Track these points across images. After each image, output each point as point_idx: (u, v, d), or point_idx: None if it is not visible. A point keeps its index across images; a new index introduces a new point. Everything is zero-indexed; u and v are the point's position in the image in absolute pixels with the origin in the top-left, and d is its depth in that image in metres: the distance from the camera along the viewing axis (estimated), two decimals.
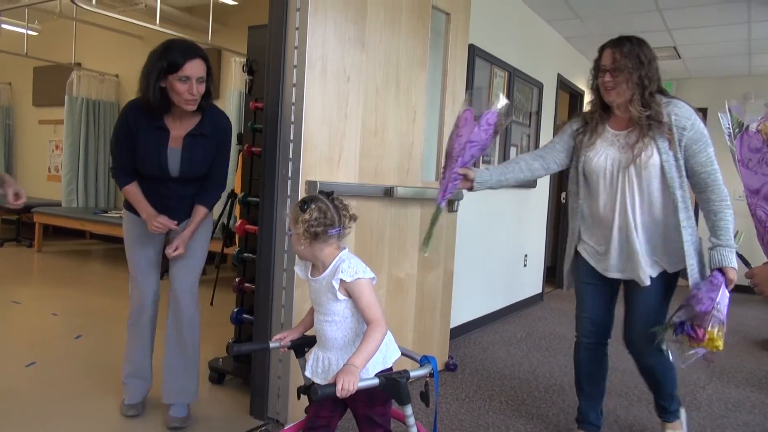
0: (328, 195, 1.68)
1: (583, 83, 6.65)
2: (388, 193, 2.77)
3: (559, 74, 5.84)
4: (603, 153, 2.23)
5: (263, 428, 2.50)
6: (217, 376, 2.99)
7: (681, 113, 2.10)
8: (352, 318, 1.64)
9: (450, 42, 3.26)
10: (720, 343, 1.98)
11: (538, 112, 5.39)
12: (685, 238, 2.14)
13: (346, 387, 1.43)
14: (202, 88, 2.24)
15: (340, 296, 1.62)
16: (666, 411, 2.47)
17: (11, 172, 8.53)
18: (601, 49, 2.21)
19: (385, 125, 2.82)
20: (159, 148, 2.32)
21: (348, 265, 1.62)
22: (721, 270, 2.06)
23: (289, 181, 2.44)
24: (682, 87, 7.40)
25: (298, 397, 1.76)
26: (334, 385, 1.43)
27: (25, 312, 4.25)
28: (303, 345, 1.83)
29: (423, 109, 3.02)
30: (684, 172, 2.13)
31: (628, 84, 2.11)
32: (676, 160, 2.11)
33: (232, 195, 3.19)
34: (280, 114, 2.45)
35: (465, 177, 2.19)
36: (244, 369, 2.86)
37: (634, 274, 2.21)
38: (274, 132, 2.47)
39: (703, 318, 1.97)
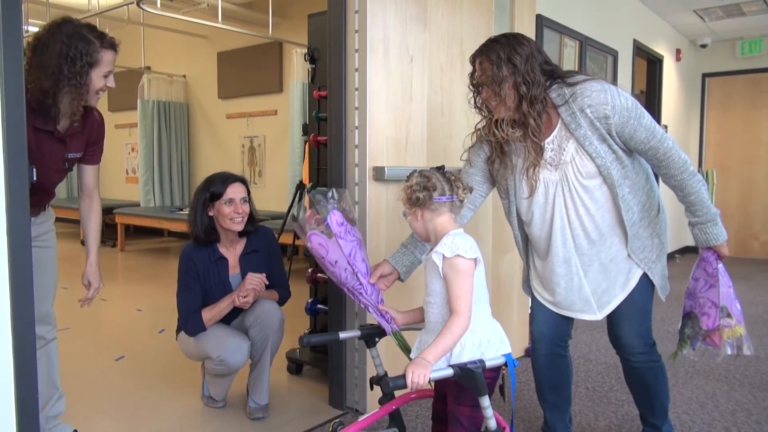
0: (438, 168, 1.66)
1: (662, 47, 6.30)
2: (458, 173, 2.72)
3: (635, 40, 5.55)
4: (524, 175, 1.88)
5: (338, 420, 2.52)
6: (295, 367, 3.05)
7: (594, 102, 1.74)
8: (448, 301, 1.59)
9: (516, 14, 3.16)
10: (741, 330, 1.79)
11: (614, 83, 5.14)
12: (632, 237, 1.84)
13: (416, 380, 1.40)
14: (246, 207, 2.41)
15: (442, 274, 1.57)
16: None
17: None
18: (472, 60, 1.86)
19: (451, 105, 2.76)
20: (223, 279, 2.45)
21: (451, 240, 1.57)
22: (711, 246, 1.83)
23: (357, 168, 2.43)
24: None
25: (371, 388, 1.76)
26: (404, 377, 1.41)
27: (112, 309, 4.49)
28: (373, 335, 1.83)
29: None
30: (628, 156, 1.82)
31: (508, 95, 1.77)
32: (614, 152, 1.78)
33: (301, 186, 3.23)
34: (344, 100, 2.45)
35: (382, 276, 1.86)
36: (321, 359, 2.90)
37: (585, 313, 1.92)
38: (339, 119, 2.46)
39: (714, 330, 1.81)
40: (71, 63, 1.84)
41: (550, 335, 2.05)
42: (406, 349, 1.80)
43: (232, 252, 2.49)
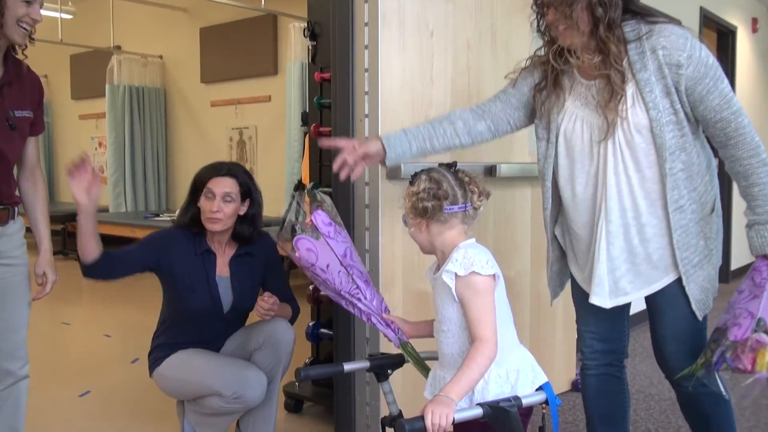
0: (449, 166, 1.65)
1: (735, 17, 6.25)
2: (489, 172, 2.72)
3: (702, 8, 5.51)
4: (576, 117, 1.90)
5: None
6: (294, 404, 3.05)
7: (670, 44, 1.75)
8: (467, 328, 1.58)
9: None
10: None
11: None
12: (675, 225, 1.82)
13: (437, 421, 1.38)
14: (228, 207, 2.38)
15: (457, 297, 1.57)
16: None
17: (52, 176, 9.12)
18: None
19: (480, 88, 2.76)
20: (208, 275, 2.44)
21: (463, 254, 1.56)
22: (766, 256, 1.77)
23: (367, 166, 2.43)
24: None
25: (382, 430, 1.75)
26: (422, 418, 1.39)
27: (76, 334, 4.53)
28: (386, 367, 1.82)
29: None
30: (692, 128, 1.82)
31: (581, 18, 1.77)
32: (676, 113, 1.78)
33: (300, 186, 3.23)
34: (351, 84, 2.45)
35: (366, 156, 1.94)
36: (325, 395, 2.89)
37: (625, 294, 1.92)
38: (346, 106, 2.47)
39: (743, 344, 1.73)
40: None
41: (602, 348, 2.06)
42: (420, 364, 1.82)
43: (222, 251, 2.50)
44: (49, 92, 9.34)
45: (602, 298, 1.91)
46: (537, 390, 1.59)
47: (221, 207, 2.36)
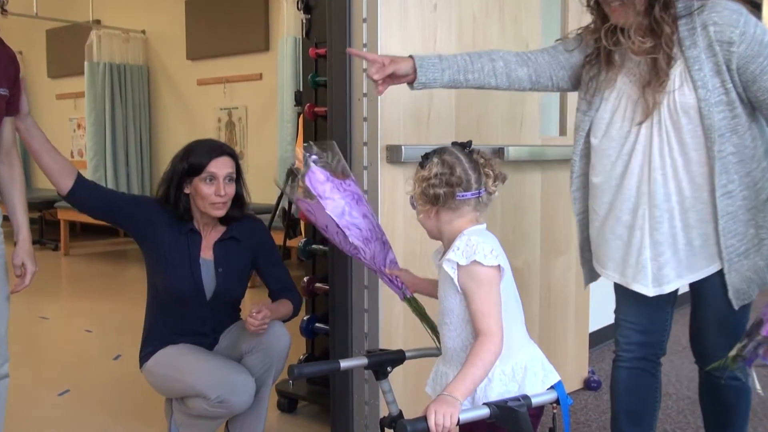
0: (464, 146, 1.64)
1: None
2: (496, 154, 2.71)
3: None
4: (624, 94, 1.92)
5: None
6: (288, 403, 3.06)
7: (722, 20, 1.75)
8: (471, 321, 1.58)
9: None
10: None
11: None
12: (722, 211, 1.82)
13: (440, 421, 1.38)
14: (231, 188, 2.40)
15: (459, 287, 1.57)
16: None
17: (28, 160, 9.09)
18: None
19: None
20: (191, 254, 2.44)
21: (465, 242, 1.55)
22: None
23: (365, 148, 2.42)
24: None
25: (382, 431, 1.75)
26: (425, 419, 1.39)
27: (55, 329, 4.53)
28: (385, 364, 1.81)
29: (538, 40, 2.92)
30: (746, 110, 1.83)
31: None
32: (727, 92, 1.79)
33: (293, 172, 3.23)
34: (348, 60, 2.44)
35: (393, 75, 1.94)
36: (321, 393, 2.90)
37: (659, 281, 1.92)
38: (343, 84, 2.45)
39: None
40: None
41: (640, 340, 2.08)
42: (425, 318, 1.88)
43: (207, 232, 2.50)
44: (24, 70, 9.28)
45: (644, 286, 1.94)
46: (548, 389, 1.59)
47: (227, 190, 2.38)
